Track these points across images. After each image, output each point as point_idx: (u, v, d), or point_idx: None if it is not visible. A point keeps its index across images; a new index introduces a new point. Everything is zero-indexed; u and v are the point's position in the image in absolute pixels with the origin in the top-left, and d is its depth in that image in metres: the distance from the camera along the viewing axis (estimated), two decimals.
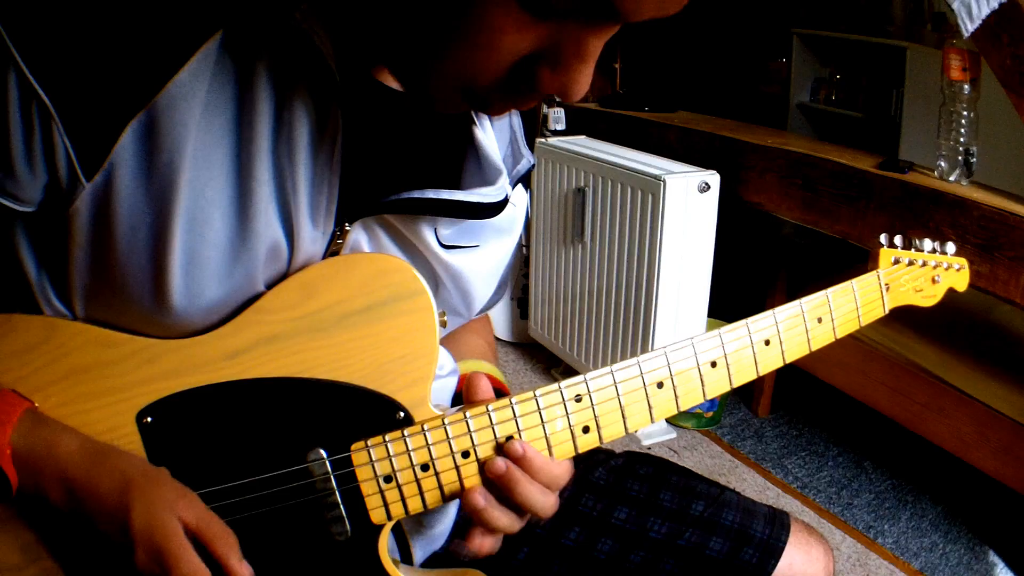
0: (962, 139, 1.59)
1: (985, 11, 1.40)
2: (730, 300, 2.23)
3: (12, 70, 0.49)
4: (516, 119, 0.71)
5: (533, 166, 0.72)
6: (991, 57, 1.45)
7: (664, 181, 1.83)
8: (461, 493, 0.59)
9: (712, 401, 2.18)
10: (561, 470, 0.61)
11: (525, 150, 0.71)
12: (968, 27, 1.41)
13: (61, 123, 0.50)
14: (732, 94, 3.25)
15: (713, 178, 1.89)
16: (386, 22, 0.51)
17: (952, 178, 1.62)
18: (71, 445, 0.55)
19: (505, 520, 0.59)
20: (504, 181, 0.65)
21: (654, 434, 2.16)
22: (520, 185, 0.71)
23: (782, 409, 2.32)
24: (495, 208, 0.63)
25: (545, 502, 0.59)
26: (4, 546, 0.58)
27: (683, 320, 1.98)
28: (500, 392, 0.71)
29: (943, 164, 1.63)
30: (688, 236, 1.91)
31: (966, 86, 1.55)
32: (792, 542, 0.77)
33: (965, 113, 1.57)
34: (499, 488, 0.59)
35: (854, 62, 3.07)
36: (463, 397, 0.62)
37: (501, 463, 0.58)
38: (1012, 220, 1.43)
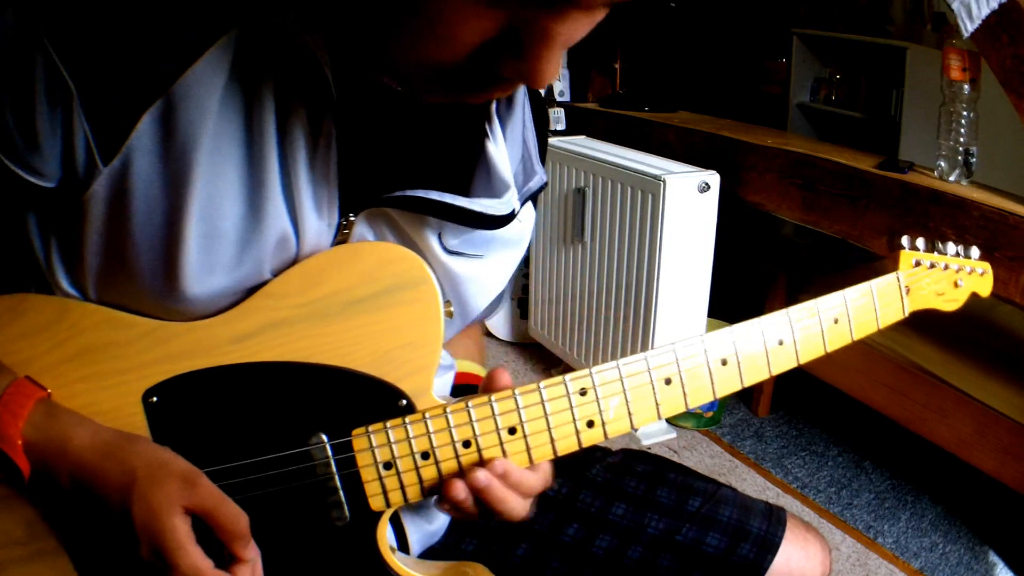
0: (962, 139, 1.59)
1: (985, 11, 1.40)
2: (730, 300, 2.23)
3: (39, 52, 0.50)
4: (531, 136, 0.71)
5: (545, 184, 0.72)
6: (991, 57, 1.45)
7: (664, 181, 1.83)
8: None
9: (712, 401, 2.18)
10: (537, 480, 0.62)
11: (539, 167, 0.71)
12: (968, 27, 1.41)
13: (82, 107, 0.51)
14: (732, 94, 3.26)
15: (713, 178, 1.89)
16: (354, 14, 0.52)
17: (952, 178, 1.62)
18: (83, 439, 0.56)
19: (479, 514, 0.61)
20: (511, 196, 0.65)
21: (654, 434, 2.16)
22: (530, 203, 0.71)
23: (782, 409, 2.32)
24: (499, 221, 0.64)
25: (523, 507, 0.61)
26: (10, 519, 0.58)
27: (683, 320, 1.98)
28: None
29: (943, 164, 1.63)
30: (688, 236, 1.91)
31: (966, 86, 1.56)
32: (789, 538, 0.78)
33: (965, 113, 1.57)
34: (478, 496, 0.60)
35: (854, 62, 3.07)
36: (481, 389, 0.62)
37: (483, 477, 0.58)
38: (1012, 220, 1.43)
